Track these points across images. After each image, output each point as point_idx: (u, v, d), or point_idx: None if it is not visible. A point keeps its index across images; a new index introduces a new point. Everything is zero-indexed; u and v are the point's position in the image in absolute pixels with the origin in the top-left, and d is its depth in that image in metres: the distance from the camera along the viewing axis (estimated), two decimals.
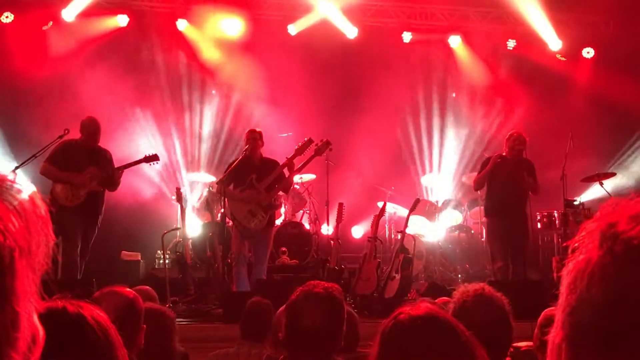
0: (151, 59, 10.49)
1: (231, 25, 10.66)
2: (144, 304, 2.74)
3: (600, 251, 0.78)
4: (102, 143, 7.59)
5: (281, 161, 7.37)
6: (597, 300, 0.77)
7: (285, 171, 7.33)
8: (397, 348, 1.65)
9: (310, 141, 7.33)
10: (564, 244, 6.90)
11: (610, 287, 0.76)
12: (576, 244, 0.83)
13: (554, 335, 0.84)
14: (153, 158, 7.57)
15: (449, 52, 11.39)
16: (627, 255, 0.76)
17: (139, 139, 10.21)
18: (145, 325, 2.56)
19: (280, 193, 7.64)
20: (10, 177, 0.76)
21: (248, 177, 7.23)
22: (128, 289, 2.68)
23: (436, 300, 3.78)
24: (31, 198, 0.75)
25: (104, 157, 7.49)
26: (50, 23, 10.04)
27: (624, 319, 0.75)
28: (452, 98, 11.43)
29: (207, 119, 10.85)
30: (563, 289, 0.83)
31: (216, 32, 10.72)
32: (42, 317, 0.78)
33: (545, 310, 3.13)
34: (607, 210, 0.82)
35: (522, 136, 7.62)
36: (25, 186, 0.76)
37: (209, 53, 10.74)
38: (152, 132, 10.43)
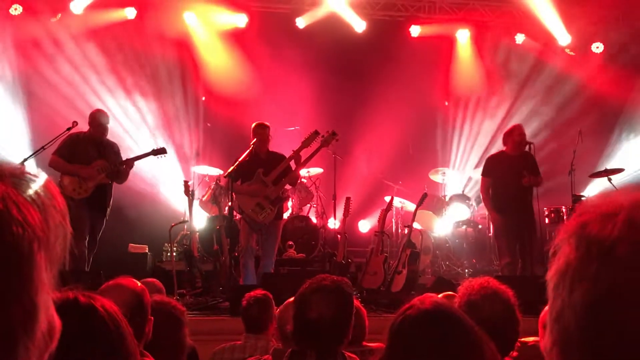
0: (158, 51, 10.48)
1: (239, 18, 10.65)
2: (153, 297, 2.75)
3: (577, 253, 0.77)
4: (110, 136, 7.61)
5: (288, 155, 7.36)
6: (578, 305, 0.75)
7: (292, 164, 7.33)
8: (407, 342, 1.65)
9: (316, 133, 7.31)
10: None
11: (589, 291, 0.74)
12: (556, 247, 0.81)
13: (545, 341, 0.82)
14: (161, 151, 7.58)
15: (457, 46, 11.34)
16: (602, 257, 0.74)
17: (146, 132, 10.23)
18: (152, 317, 2.56)
19: (288, 186, 7.64)
20: (29, 169, 0.76)
21: (255, 171, 7.23)
22: (135, 281, 2.69)
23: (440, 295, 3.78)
24: (49, 190, 0.76)
25: (112, 150, 7.51)
26: (59, 15, 10.04)
27: (606, 324, 0.73)
28: (459, 92, 11.39)
29: (215, 112, 10.84)
30: (549, 292, 0.81)
31: (224, 25, 10.72)
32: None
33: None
34: (581, 209, 0.80)
35: (522, 127, 7.69)
36: (42, 178, 0.76)
37: (216, 46, 10.74)
38: (160, 125, 10.44)
